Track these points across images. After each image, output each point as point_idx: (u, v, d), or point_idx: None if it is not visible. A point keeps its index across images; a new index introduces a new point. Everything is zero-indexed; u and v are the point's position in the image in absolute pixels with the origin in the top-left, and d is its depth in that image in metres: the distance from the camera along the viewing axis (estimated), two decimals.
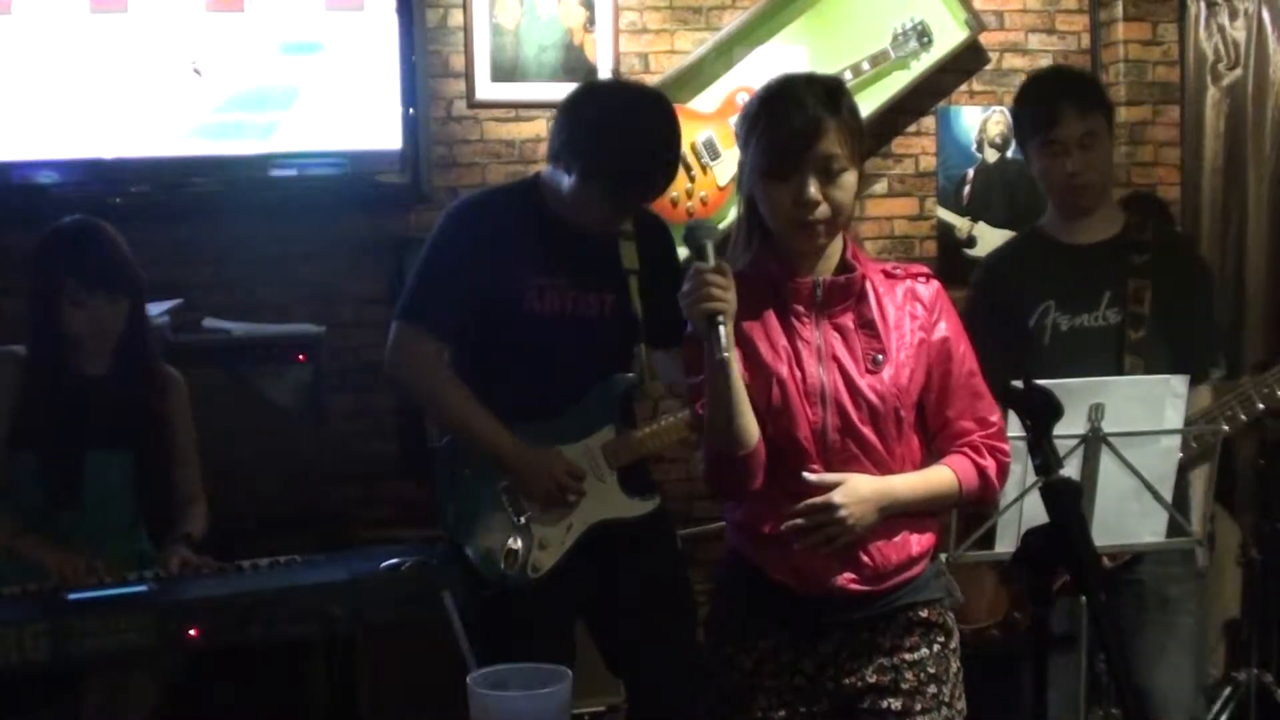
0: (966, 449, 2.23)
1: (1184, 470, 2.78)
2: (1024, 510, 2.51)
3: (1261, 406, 2.86)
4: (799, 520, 2.14)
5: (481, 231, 2.85)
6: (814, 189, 2.11)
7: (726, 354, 2.01)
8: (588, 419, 2.90)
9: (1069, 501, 1.98)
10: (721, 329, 2.01)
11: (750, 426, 2.10)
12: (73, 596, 2.53)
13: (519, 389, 2.83)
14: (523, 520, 2.83)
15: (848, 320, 2.19)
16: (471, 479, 2.87)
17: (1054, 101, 2.89)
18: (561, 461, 2.83)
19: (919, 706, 2.20)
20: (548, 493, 2.82)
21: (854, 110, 2.19)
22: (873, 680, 2.20)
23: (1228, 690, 3.84)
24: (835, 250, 2.22)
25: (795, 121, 2.11)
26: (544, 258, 2.82)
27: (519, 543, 2.80)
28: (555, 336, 2.83)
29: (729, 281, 2.04)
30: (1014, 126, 3.22)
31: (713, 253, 2.06)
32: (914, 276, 2.26)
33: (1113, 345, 2.89)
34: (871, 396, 2.15)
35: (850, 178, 2.15)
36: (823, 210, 2.12)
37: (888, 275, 2.25)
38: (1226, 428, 2.86)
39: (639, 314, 2.91)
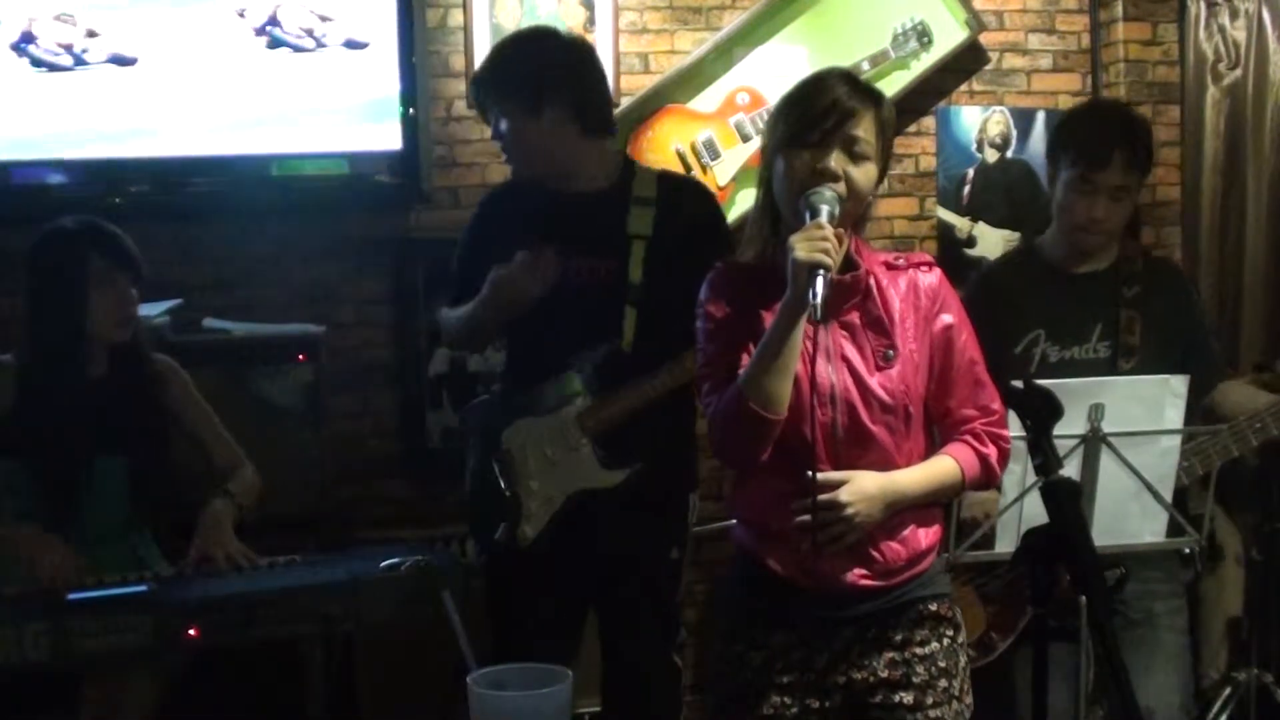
0: (968, 436, 2.24)
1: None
2: (1024, 510, 2.51)
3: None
4: (806, 518, 2.14)
5: (489, 215, 3.03)
6: (835, 161, 2.11)
7: (817, 301, 2.00)
8: (564, 389, 2.92)
9: (1069, 501, 1.98)
10: (820, 280, 2.01)
11: (789, 392, 2.10)
12: (73, 596, 2.53)
13: (515, 362, 3.02)
14: (510, 492, 2.88)
15: (854, 318, 2.20)
16: (477, 451, 2.99)
17: (1109, 145, 2.78)
18: None
19: (930, 700, 2.21)
20: None
21: (890, 113, 2.20)
22: (884, 675, 2.21)
23: (1228, 690, 3.84)
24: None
25: (832, 98, 2.13)
26: (538, 229, 2.87)
27: (508, 514, 2.87)
28: (545, 307, 2.86)
29: (840, 247, 2.07)
30: (1050, 143, 2.98)
31: (827, 217, 2.08)
32: (916, 266, 2.26)
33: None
34: (882, 394, 2.16)
35: (872, 170, 2.16)
36: (840, 187, 2.11)
37: (890, 267, 2.25)
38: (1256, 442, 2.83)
39: (637, 281, 2.90)
